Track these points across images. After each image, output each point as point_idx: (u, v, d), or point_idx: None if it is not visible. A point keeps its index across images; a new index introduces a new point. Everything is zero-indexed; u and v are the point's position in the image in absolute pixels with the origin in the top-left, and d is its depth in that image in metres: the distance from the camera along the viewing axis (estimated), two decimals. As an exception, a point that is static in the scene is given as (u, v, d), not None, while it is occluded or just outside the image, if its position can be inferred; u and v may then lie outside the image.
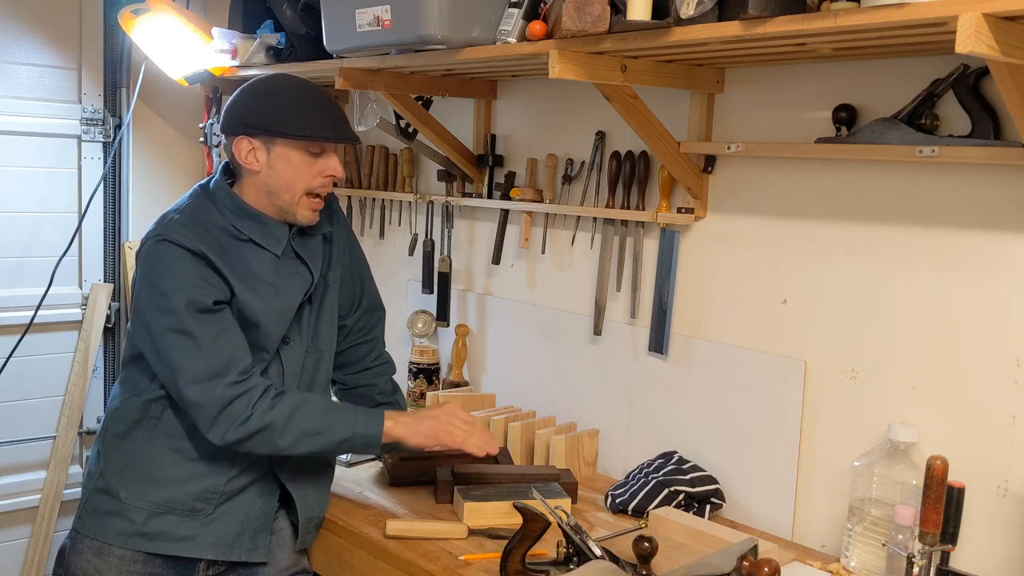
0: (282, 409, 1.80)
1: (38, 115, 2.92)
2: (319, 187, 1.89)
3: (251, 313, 1.86)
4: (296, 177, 1.87)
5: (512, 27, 1.91)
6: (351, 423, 1.85)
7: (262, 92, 1.89)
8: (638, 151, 2.26)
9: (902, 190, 1.84)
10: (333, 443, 1.85)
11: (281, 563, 1.98)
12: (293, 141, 1.85)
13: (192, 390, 1.79)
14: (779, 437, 2.03)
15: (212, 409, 1.78)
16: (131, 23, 2.81)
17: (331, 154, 1.90)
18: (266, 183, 1.88)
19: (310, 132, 1.85)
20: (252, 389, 1.80)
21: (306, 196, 1.89)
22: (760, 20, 1.51)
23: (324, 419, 1.84)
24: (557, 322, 2.51)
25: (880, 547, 1.75)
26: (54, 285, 2.91)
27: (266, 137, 1.85)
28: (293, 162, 1.86)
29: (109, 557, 1.89)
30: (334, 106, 1.91)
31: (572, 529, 1.74)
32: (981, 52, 1.30)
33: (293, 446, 1.82)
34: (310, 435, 1.82)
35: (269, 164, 1.86)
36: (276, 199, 1.89)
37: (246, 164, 1.87)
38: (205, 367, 1.78)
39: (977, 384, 1.75)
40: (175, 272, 1.80)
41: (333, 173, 1.89)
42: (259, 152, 1.86)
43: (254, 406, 1.79)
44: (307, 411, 1.83)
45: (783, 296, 2.04)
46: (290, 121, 1.84)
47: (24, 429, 2.99)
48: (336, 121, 1.89)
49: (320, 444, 1.84)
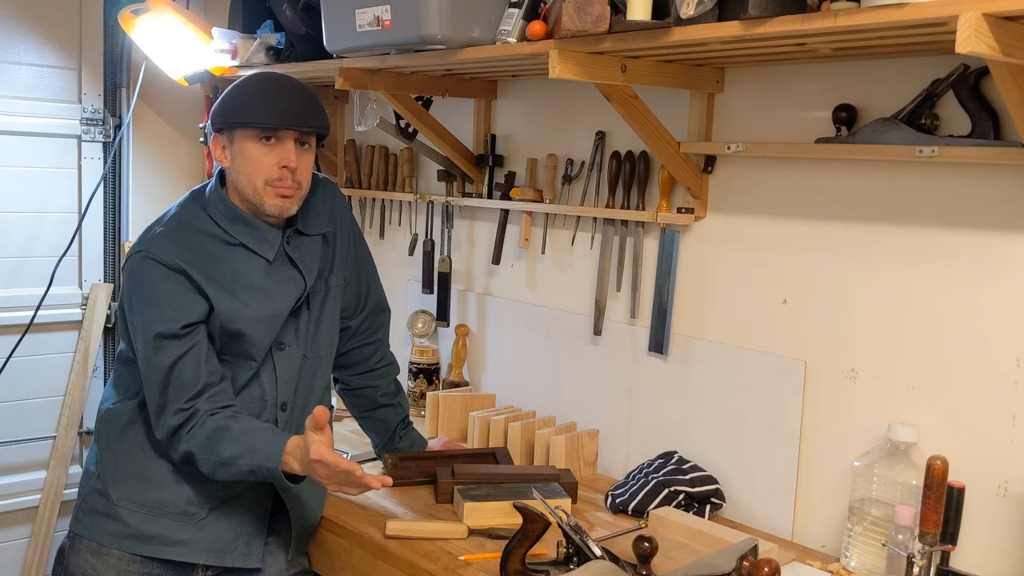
0: (200, 438, 1.77)
1: (38, 115, 2.91)
2: (276, 179, 1.84)
3: (234, 322, 1.85)
4: (253, 169, 1.84)
5: (512, 27, 1.91)
6: (252, 454, 1.73)
7: (231, 89, 1.89)
8: (638, 151, 2.26)
9: (902, 190, 1.84)
10: (243, 473, 1.75)
11: (279, 564, 1.98)
12: (244, 131, 1.83)
13: (152, 413, 1.83)
14: (779, 437, 2.03)
15: (163, 435, 1.82)
16: (131, 23, 2.80)
17: (286, 142, 1.84)
18: (233, 179, 1.88)
19: (254, 118, 1.82)
20: (193, 415, 1.79)
21: (268, 186, 1.85)
22: (760, 20, 1.51)
23: (233, 449, 1.74)
24: (557, 322, 2.51)
25: (880, 547, 1.75)
26: (54, 285, 2.91)
27: (229, 132, 1.85)
28: (248, 153, 1.84)
29: (107, 558, 1.89)
30: (294, 95, 1.86)
31: (572, 529, 1.74)
32: (981, 52, 1.30)
33: (213, 473, 1.79)
34: (222, 464, 1.76)
35: (232, 159, 1.86)
36: (243, 194, 1.87)
37: (219, 162, 1.88)
38: (158, 397, 1.81)
39: (977, 384, 1.75)
40: (150, 297, 1.81)
41: (286, 163, 1.83)
42: (227, 148, 1.87)
43: (188, 432, 1.79)
44: (220, 440, 1.75)
45: (783, 296, 2.04)
46: (242, 111, 1.83)
47: (24, 429, 2.99)
48: (287, 108, 1.83)
49: (232, 473, 1.76)
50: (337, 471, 1.65)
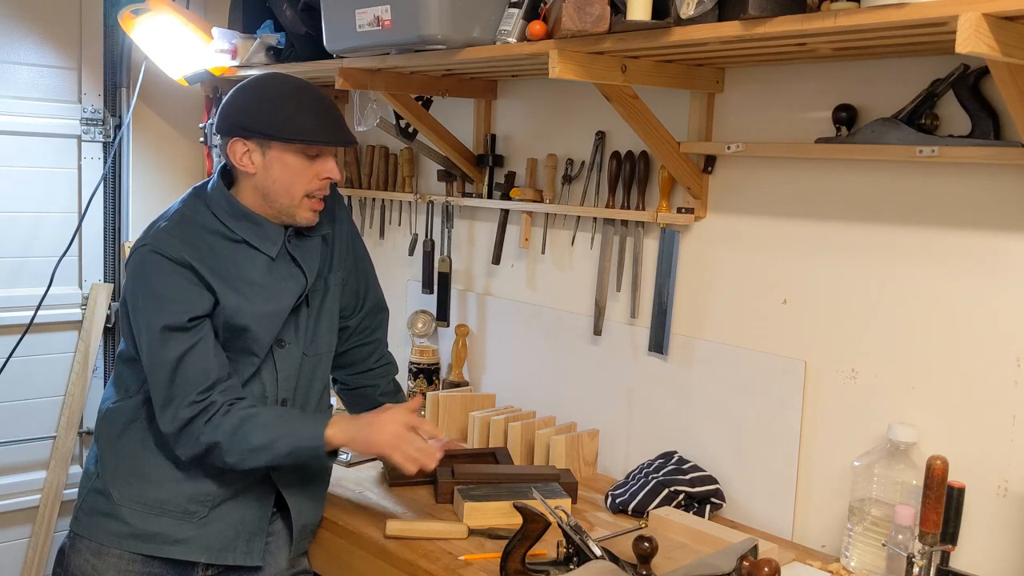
0: (227, 427, 1.79)
1: (38, 115, 2.91)
2: (316, 190, 1.88)
3: (238, 317, 1.85)
4: (294, 180, 1.85)
5: (512, 27, 1.91)
6: (293, 436, 1.81)
7: (257, 94, 1.87)
8: (638, 151, 2.26)
9: (902, 190, 1.84)
10: (279, 457, 1.81)
11: (280, 564, 1.98)
12: (289, 144, 1.83)
13: (159, 406, 1.82)
14: (779, 437, 2.03)
15: (172, 428, 1.81)
16: (131, 23, 2.81)
17: (328, 157, 1.88)
18: (262, 186, 1.86)
19: (307, 136, 1.82)
20: (209, 406, 1.79)
21: (306, 198, 1.88)
22: (760, 20, 1.51)
23: (267, 435, 1.79)
24: (557, 322, 2.51)
25: (880, 547, 1.75)
26: (54, 285, 2.91)
27: (261, 140, 1.83)
28: (290, 165, 1.84)
29: (108, 557, 1.89)
30: (331, 108, 1.89)
31: (572, 529, 1.74)
32: (981, 52, 1.30)
33: (240, 463, 1.81)
34: (254, 451, 1.79)
35: (265, 167, 1.85)
36: (273, 202, 1.87)
37: (241, 166, 1.85)
38: (169, 384, 1.80)
39: (977, 384, 1.75)
40: (155, 290, 1.81)
41: (330, 176, 1.87)
42: (254, 154, 1.84)
43: (206, 423, 1.79)
44: (251, 427, 1.79)
45: (783, 296, 2.04)
46: (286, 125, 1.82)
47: (24, 429, 2.99)
48: (333, 124, 1.87)
49: (266, 459, 1.81)
50: (423, 443, 1.84)
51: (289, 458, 1.83)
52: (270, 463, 1.83)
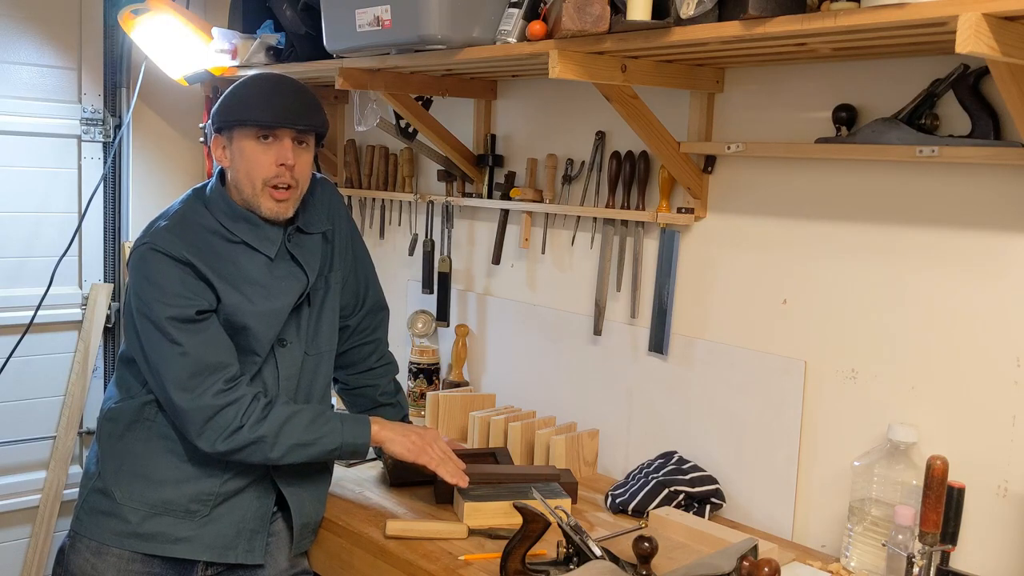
0: (272, 422, 1.81)
1: (38, 115, 2.91)
2: (274, 177, 1.85)
3: (239, 317, 1.85)
4: (251, 167, 1.85)
5: (512, 27, 1.91)
6: (340, 433, 1.87)
7: (230, 90, 1.91)
8: (638, 151, 2.26)
9: (902, 190, 1.84)
10: (323, 453, 1.88)
11: (280, 564, 1.98)
12: (243, 130, 1.85)
13: (179, 397, 1.80)
14: (779, 437, 2.03)
15: (199, 417, 1.79)
16: (131, 23, 2.81)
17: (283, 141, 1.85)
18: (233, 178, 1.89)
19: (251, 117, 1.84)
20: (241, 399, 1.80)
21: (269, 188, 1.86)
22: (760, 20, 1.51)
23: (313, 430, 1.85)
24: (557, 322, 2.51)
25: (880, 547, 1.75)
26: (54, 285, 2.91)
27: (227, 131, 1.87)
28: (246, 152, 1.85)
29: (108, 557, 1.89)
30: (291, 94, 1.87)
31: (572, 529, 1.74)
32: (981, 52, 1.30)
33: (284, 457, 1.84)
34: (300, 446, 1.84)
35: (231, 158, 1.88)
36: (241, 192, 1.88)
37: (219, 162, 1.90)
38: (191, 373, 1.79)
39: (977, 384, 1.75)
40: (159, 284, 1.81)
41: (283, 161, 1.85)
42: (226, 148, 1.88)
43: (243, 416, 1.79)
44: (296, 423, 1.84)
45: (783, 296, 2.04)
46: (240, 110, 1.85)
47: (24, 429, 2.99)
48: (283, 106, 1.84)
49: (310, 454, 1.86)
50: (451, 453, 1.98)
51: (332, 454, 1.89)
52: (312, 458, 1.88)
